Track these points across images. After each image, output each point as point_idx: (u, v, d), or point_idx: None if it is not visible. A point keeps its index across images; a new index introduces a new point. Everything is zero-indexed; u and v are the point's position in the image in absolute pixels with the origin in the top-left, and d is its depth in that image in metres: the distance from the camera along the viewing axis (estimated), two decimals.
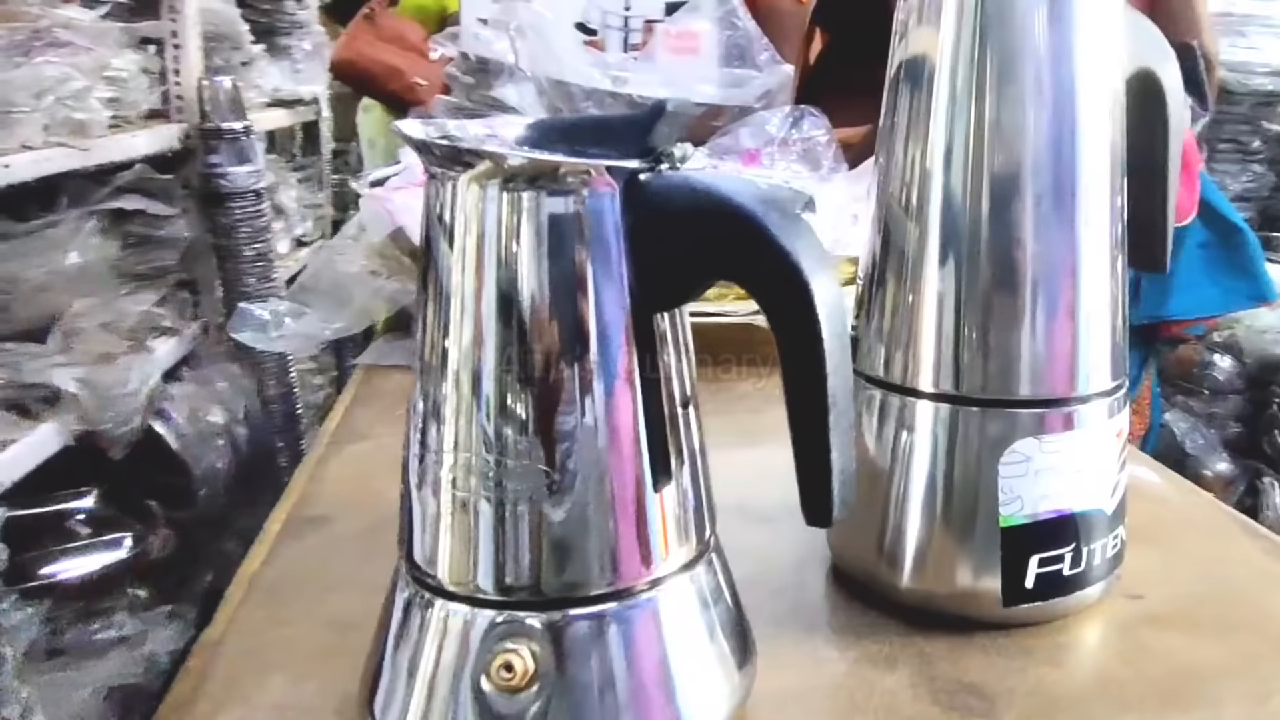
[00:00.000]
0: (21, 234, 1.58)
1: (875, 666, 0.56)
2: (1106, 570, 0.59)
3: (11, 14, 1.53)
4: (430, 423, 0.48)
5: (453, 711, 0.47)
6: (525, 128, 0.50)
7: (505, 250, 0.46)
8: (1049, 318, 0.57)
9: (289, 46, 2.31)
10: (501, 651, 0.46)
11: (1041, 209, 0.56)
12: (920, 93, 0.58)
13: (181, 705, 0.55)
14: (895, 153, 0.59)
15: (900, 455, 0.59)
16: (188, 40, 1.75)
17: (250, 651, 0.59)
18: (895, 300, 0.59)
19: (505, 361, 0.46)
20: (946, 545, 0.58)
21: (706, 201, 0.45)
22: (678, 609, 0.49)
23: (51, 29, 1.56)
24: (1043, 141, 0.56)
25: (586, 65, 1.34)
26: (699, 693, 0.49)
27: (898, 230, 0.59)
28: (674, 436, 0.49)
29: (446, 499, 0.48)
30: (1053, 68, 0.56)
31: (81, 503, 1.77)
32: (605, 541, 0.48)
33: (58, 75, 1.54)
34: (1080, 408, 0.57)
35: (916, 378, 0.58)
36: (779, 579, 0.64)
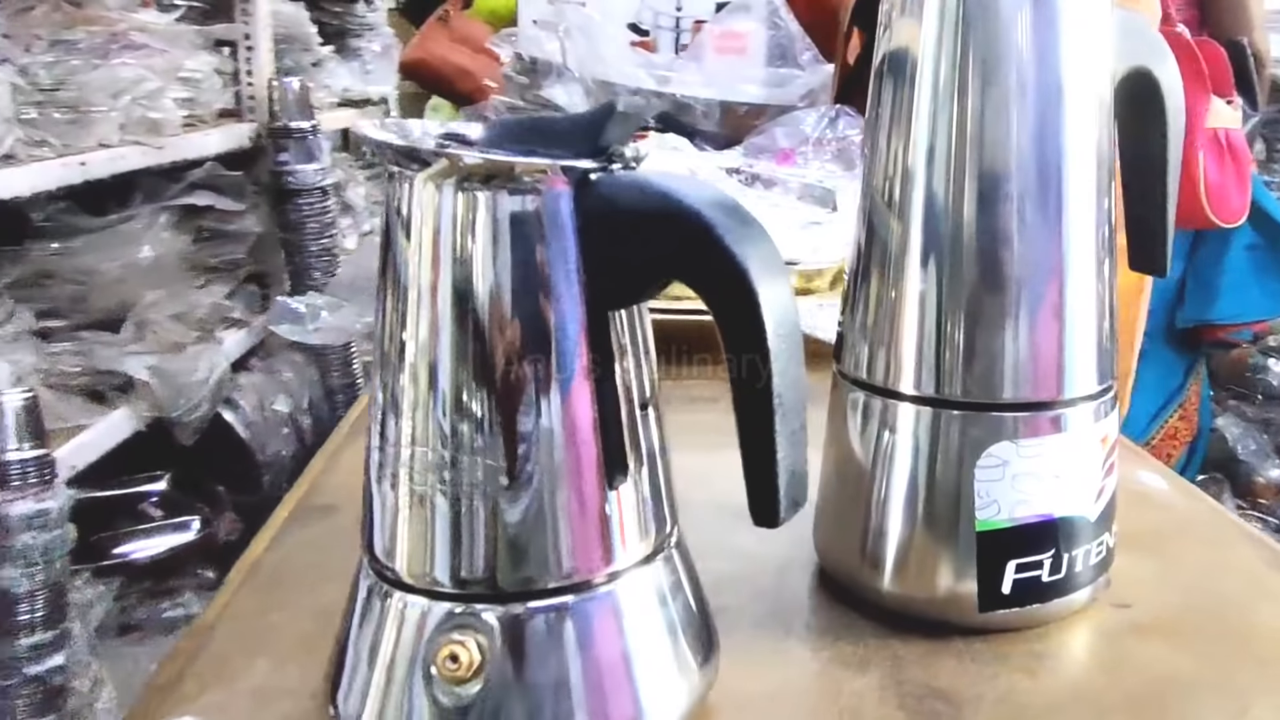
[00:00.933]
0: (98, 228, 1.63)
1: (846, 668, 0.55)
2: (1090, 577, 0.57)
3: (90, 18, 1.58)
4: (389, 417, 0.48)
5: (407, 701, 0.47)
6: (485, 128, 0.50)
7: (460, 248, 0.46)
8: (1030, 321, 0.55)
9: (359, 48, 2.35)
10: (448, 643, 0.46)
11: (1024, 210, 0.54)
12: (903, 87, 0.56)
13: (166, 686, 0.56)
14: (879, 146, 0.58)
15: (882, 457, 0.58)
16: (259, 42, 1.79)
17: (239, 635, 0.59)
18: (878, 296, 0.57)
19: (460, 358, 0.46)
20: (926, 549, 0.56)
21: (654, 201, 0.45)
22: (633, 604, 0.49)
23: (128, 32, 1.61)
24: (1026, 142, 0.54)
25: (631, 65, 1.34)
26: (654, 687, 0.49)
27: (881, 225, 0.57)
28: (631, 435, 0.49)
29: (404, 492, 0.48)
30: (1036, 66, 0.54)
31: (153, 486, 1.82)
32: (559, 537, 0.47)
33: (133, 76, 1.58)
34: (1061, 412, 0.55)
35: (898, 380, 0.57)
36: (763, 579, 0.63)
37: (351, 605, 0.50)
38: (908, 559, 0.57)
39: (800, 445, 0.45)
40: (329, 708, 0.49)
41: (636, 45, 1.51)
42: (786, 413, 0.44)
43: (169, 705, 0.54)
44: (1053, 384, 0.55)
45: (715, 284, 0.44)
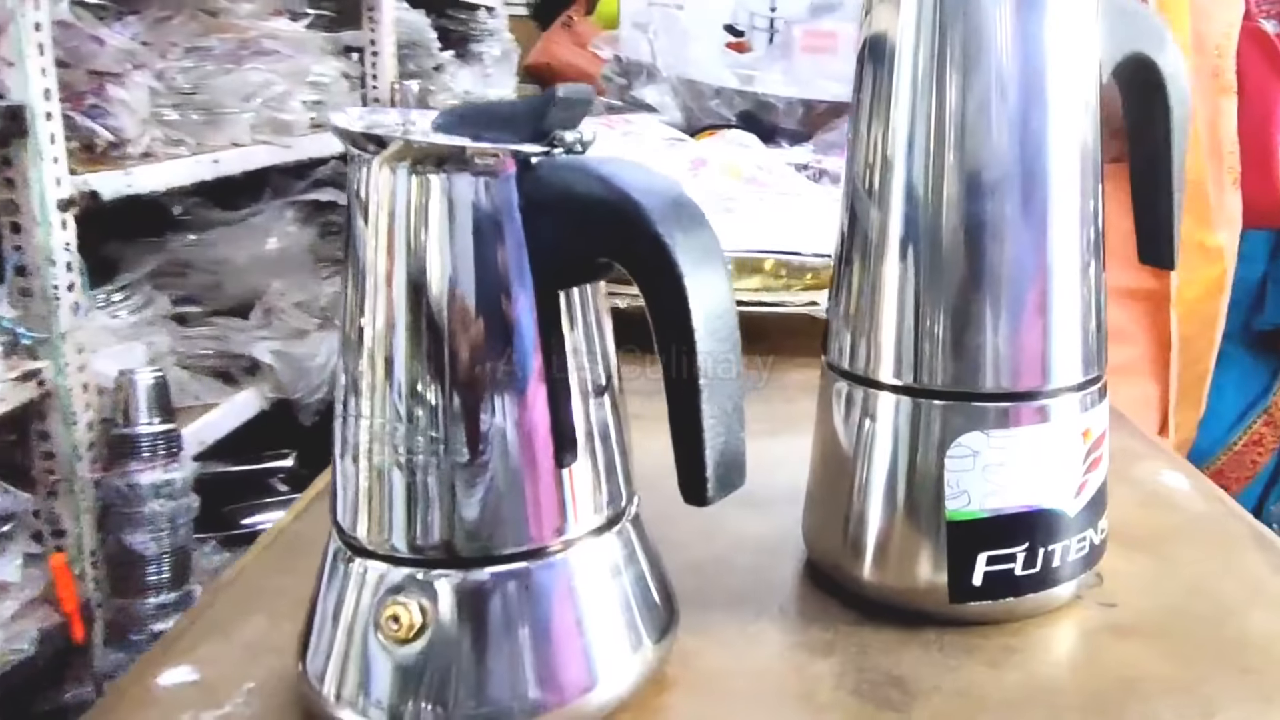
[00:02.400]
0: (230, 221, 1.72)
1: (811, 652, 0.53)
2: (1071, 573, 0.54)
3: (224, 26, 1.66)
4: (349, 393, 0.49)
5: (363, 660, 0.48)
6: (441, 114, 0.50)
7: (412, 228, 0.46)
8: (1008, 311, 0.52)
9: (480, 53, 2.40)
10: (391, 604, 0.47)
11: (1002, 199, 0.51)
12: (882, 73, 0.54)
13: (173, 638, 0.58)
14: (860, 131, 0.56)
15: (863, 445, 0.56)
16: (384, 48, 1.85)
17: (246, 595, 0.62)
18: (859, 285, 0.56)
19: (413, 335, 0.47)
20: (903, 539, 0.54)
21: (591, 185, 0.44)
22: (582, 574, 0.48)
23: (259, 39, 1.68)
24: (1005, 131, 0.51)
25: (716, 64, 1.34)
26: (603, 656, 0.48)
27: (862, 211, 0.56)
28: (584, 416, 0.49)
29: (364, 465, 0.49)
30: (1016, 55, 0.51)
31: (281, 463, 1.91)
32: (509, 507, 0.47)
33: (262, 80, 1.66)
34: (1037, 403, 0.52)
35: (877, 368, 0.55)
36: (748, 560, 0.62)
37: (320, 570, 0.51)
38: (885, 548, 0.56)
39: (733, 427, 0.45)
40: (298, 664, 0.51)
41: (731, 46, 1.50)
42: (713, 394, 0.44)
43: (172, 656, 0.57)
44: (1028, 374, 0.53)
45: (644, 267, 0.44)
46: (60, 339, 1.45)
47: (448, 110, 0.49)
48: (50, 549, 1.49)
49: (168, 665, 0.56)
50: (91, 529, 1.50)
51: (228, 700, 0.53)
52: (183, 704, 0.53)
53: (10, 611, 1.40)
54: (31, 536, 1.46)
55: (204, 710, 0.52)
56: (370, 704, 0.48)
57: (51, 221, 1.43)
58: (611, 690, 0.49)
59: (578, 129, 0.47)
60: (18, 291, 1.44)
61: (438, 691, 0.47)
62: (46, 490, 1.49)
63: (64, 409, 1.47)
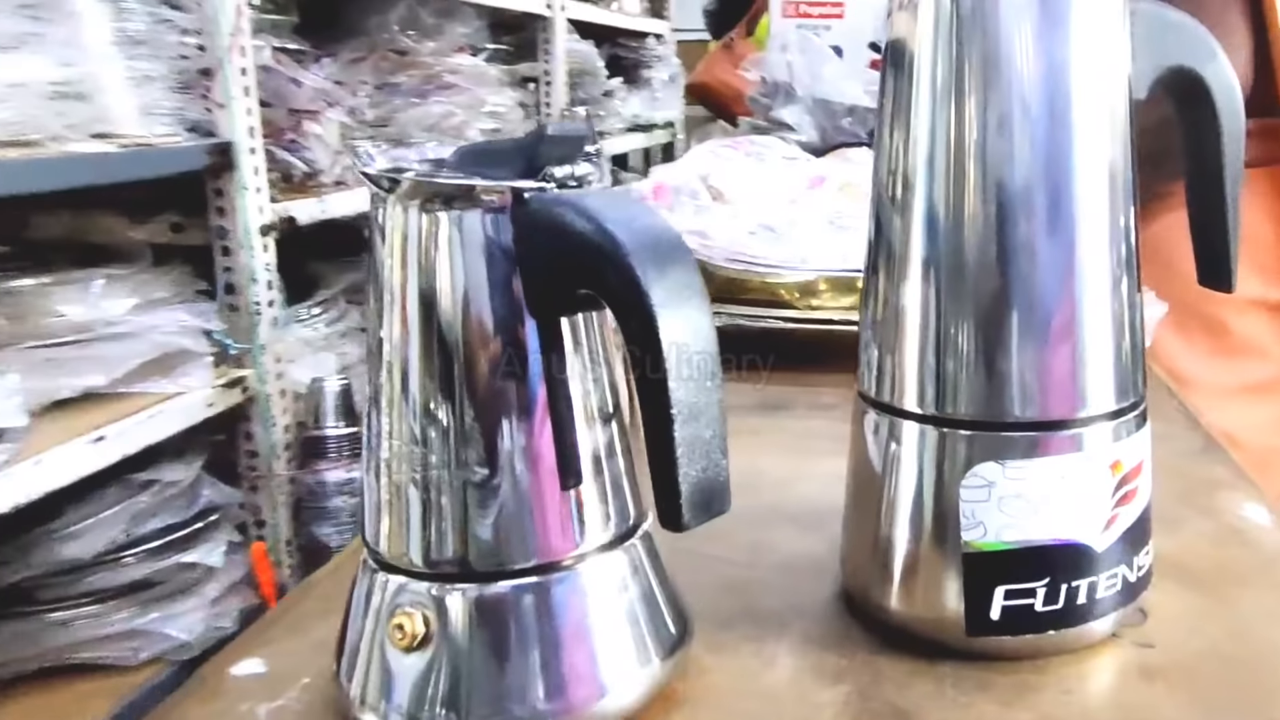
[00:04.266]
0: None
1: (821, 678, 0.51)
2: (1100, 611, 0.49)
3: (412, 64, 1.74)
4: (374, 411, 0.50)
5: (382, 668, 0.50)
6: (453, 154, 0.51)
7: (423, 261, 0.47)
8: (1029, 337, 0.48)
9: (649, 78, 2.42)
10: (398, 614, 0.48)
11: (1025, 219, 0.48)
12: (902, 82, 0.51)
13: (256, 631, 0.62)
14: (884, 139, 0.53)
15: (887, 473, 0.53)
16: (556, 77, 1.90)
17: (333, 595, 0.64)
18: (885, 298, 0.52)
19: (426, 362, 0.48)
20: (926, 569, 0.51)
21: (572, 219, 0.44)
22: (589, 589, 0.48)
23: (442, 74, 1.76)
24: (1028, 146, 0.48)
25: (851, 83, 1.30)
26: (605, 672, 0.48)
27: (886, 220, 0.53)
28: (591, 440, 0.49)
29: (385, 481, 0.50)
30: (1040, 70, 0.47)
31: None
32: (516, 526, 0.48)
33: (443, 112, 1.73)
34: (1059, 433, 0.48)
35: (901, 396, 0.52)
36: (787, 582, 0.60)
37: (354, 581, 0.53)
38: (910, 578, 0.53)
39: (711, 454, 0.44)
40: (334, 666, 0.52)
41: (874, 65, 1.46)
42: (688, 423, 0.43)
43: (250, 648, 0.60)
44: (1052, 403, 0.49)
45: (618, 300, 0.43)
46: (261, 350, 1.56)
47: (463, 149, 0.50)
48: (252, 538, 1.60)
49: (243, 657, 0.59)
50: (287, 521, 1.61)
51: (284, 694, 0.55)
52: (246, 694, 0.55)
53: (216, 593, 1.51)
54: (236, 527, 1.58)
55: (261, 702, 0.54)
56: (391, 709, 0.49)
57: (254, 245, 1.54)
58: (617, 704, 0.49)
59: (571, 165, 0.46)
60: (227, 307, 1.56)
61: (449, 699, 0.48)
62: (249, 485, 1.60)
63: (264, 413, 1.57)
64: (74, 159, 1.31)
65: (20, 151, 1.26)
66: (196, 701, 0.55)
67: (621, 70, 2.25)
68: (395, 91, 1.67)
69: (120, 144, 1.38)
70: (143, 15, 1.42)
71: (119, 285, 1.44)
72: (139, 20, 1.41)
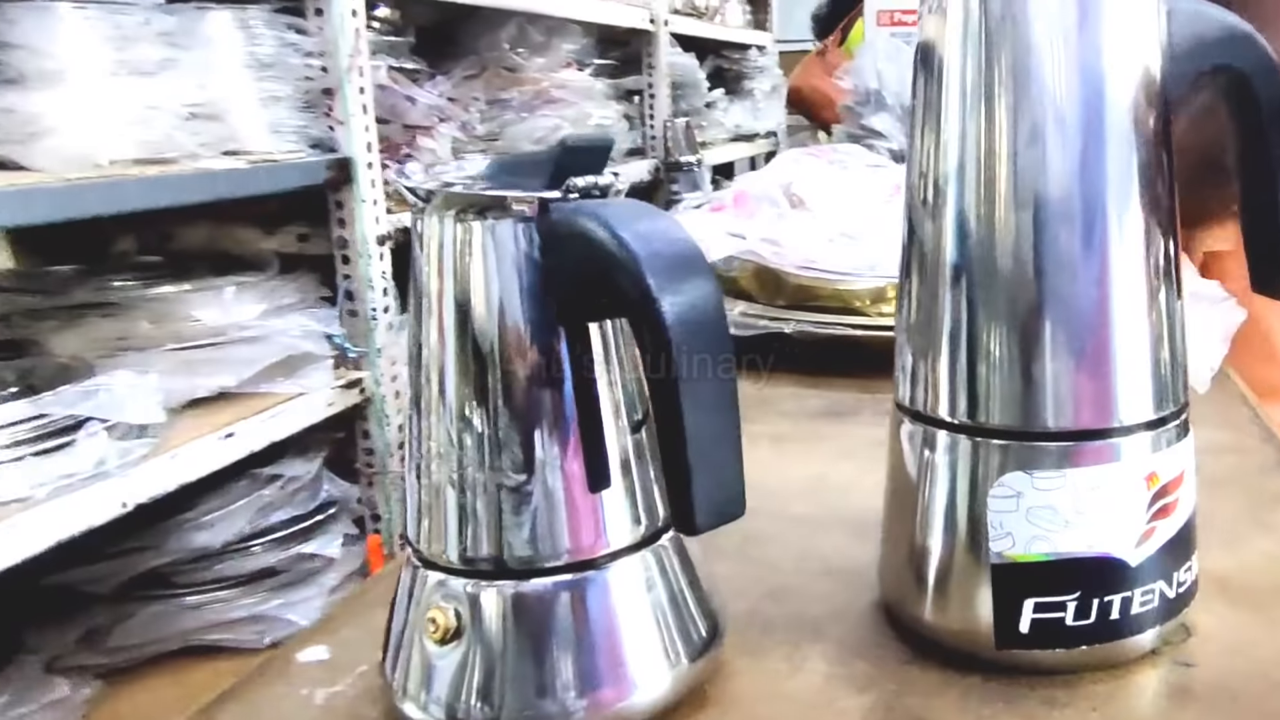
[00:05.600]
0: None
1: (849, 687, 0.50)
2: (1136, 627, 0.47)
3: (522, 80, 1.77)
4: (414, 413, 0.51)
5: (422, 661, 0.51)
6: (487, 167, 0.51)
7: (458, 269, 0.48)
8: (1062, 347, 0.46)
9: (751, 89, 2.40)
10: (432, 608, 0.49)
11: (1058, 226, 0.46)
12: (933, 86, 0.49)
13: (325, 620, 0.64)
14: (915, 142, 0.51)
15: (922, 482, 0.51)
16: (659, 90, 1.90)
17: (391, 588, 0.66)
18: (918, 302, 0.51)
19: (460, 366, 0.49)
20: (958, 580, 0.49)
21: (589, 228, 0.44)
22: (615, 590, 0.49)
23: (550, 89, 1.78)
24: (1060, 152, 0.45)
25: None
26: (631, 671, 0.48)
27: (918, 222, 0.51)
28: (620, 445, 0.49)
29: (425, 480, 0.51)
30: (1071, 71, 0.45)
31: None
32: (546, 526, 0.48)
33: (550, 125, 1.75)
34: (1090, 444, 0.46)
35: (936, 405, 0.50)
36: (830, 588, 0.58)
37: (398, 577, 0.54)
38: (942, 589, 0.51)
39: (724, 459, 0.43)
40: (380, 657, 0.54)
41: None
42: (700, 429, 0.42)
43: (317, 635, 0.62)
44: (1085, 412, 0.47)
45: (632, 307, 0.43)
46: (377, 353, 1.61)
47: (495, 161, 0.51)
48: (368, 531, 1.65)
49: (310, 644, 0.61)
50: (400, 515, 1.65)
51: (341, 680, 0.57)
52: (308, 679, 0.57)
53: (334, 582, 1.56)
54: (353, 520, 1.63)
55: (320, 687, 0.56)
56: (429, 700, 0.50)
57: (371, 254, 1.59)
58: (644, 702, 0.49)
59: (594, 175, 0.47)
60: (346, 313, 1.61)
61: (483, 692, 0.49)
62: (366, 481, 1.65)
63: (379, 413, 1.62)
64: (207, 175, 1.38)
65: (159, 169, 1.33)
66: (262, 684, 0.57)
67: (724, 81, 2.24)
68: (505, 107, 1.70)
69: (249, 160, 1.44)
70: (270, 39, 1.48)
71: (249, 292, 1.50)
72: (267, 44, 1.47)
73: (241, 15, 1.42)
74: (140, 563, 1.44)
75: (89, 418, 1.19)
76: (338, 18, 1.51)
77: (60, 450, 1.16)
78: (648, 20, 1.96)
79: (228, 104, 1.42)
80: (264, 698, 0.56)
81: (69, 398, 1.18)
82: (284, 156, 1.49)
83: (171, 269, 1.56)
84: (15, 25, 1.22)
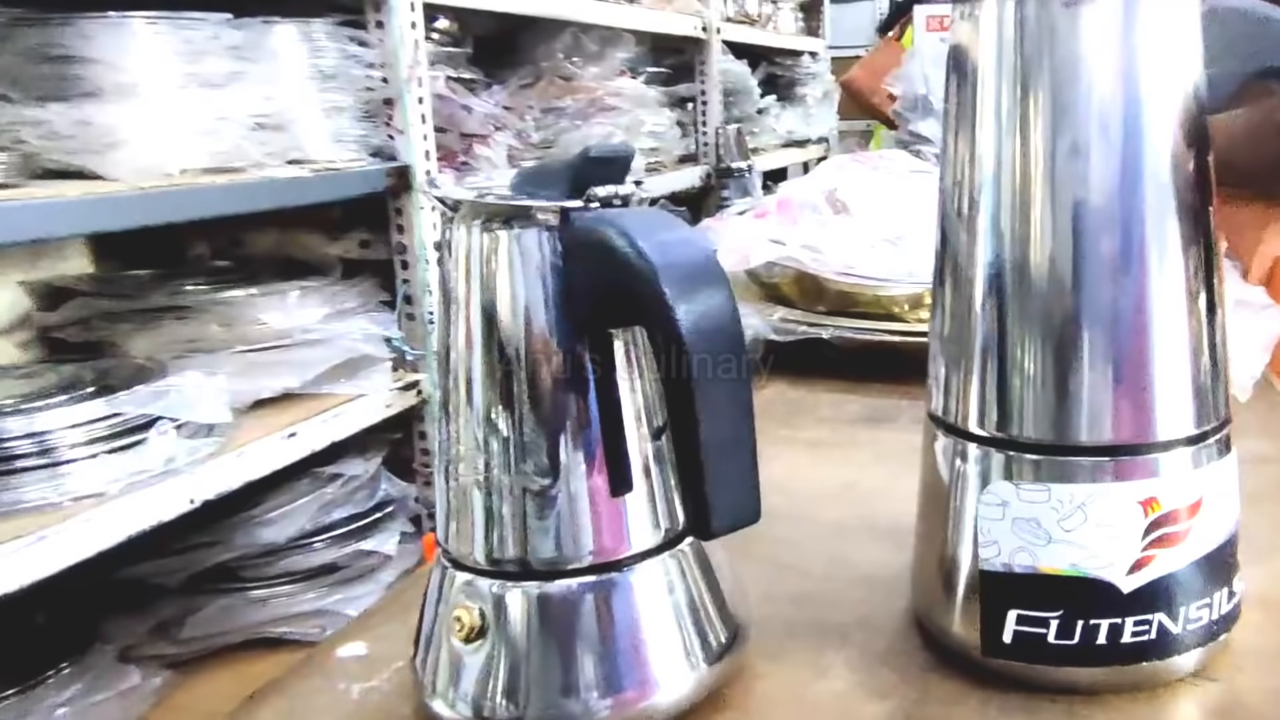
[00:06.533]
0: None
1: (869, 694, 0.49)
2: (1132, 656, 0.45)
3: (577, 88, 1.78)
4: (443, 417, 0.52)
5: (450, 659, 0.51)
6: (517, 174, 0.51)
7: (484, 276, 0.48)
8: (1097, 362, 0.44)
9: (803, 95, 2.38)
10: (458, 606, 0.49)
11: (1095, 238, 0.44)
12: (966, 93, 0.48)
13: (365, 616, 0.65)
14: (948, 149, 0.49)
15: (952, 493, 0.50)
16: (711, 97, 1.90)
17: None
18: (951, 310, 0.50)
19: (487, 372, 0.49)
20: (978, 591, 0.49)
21: (609, 236, 0.44)
22: (632, 592, 0.48)
23: (604, 97, 1.78)
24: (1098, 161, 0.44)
25: None
26: (652, 671, 0.48)
27: (952, 234, 0.50)
28: (642, 451, 0.49)
29: (454, 484, 0.51)
30: (1108, 81, 0.44)
31: None
32: (569, 528, 0.48)
33: (603, 133, 1.76)
34: (1078, 460, 0.44)
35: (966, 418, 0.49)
36: (859, 595, 0.57)
37: (428, 579, 0.55)
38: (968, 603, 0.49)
39: (739, 465, 0.43)
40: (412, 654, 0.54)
41: None
42: (716, 435, 0.42)
43: (357, 632, 0.62)
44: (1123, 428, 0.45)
45: (649, 312, 0.43)
46: (433, 356, 1.62)
47: (523, 171, 0.51)
48: (424, 529, 1.67)
49: (351, 640, 0.61)
50: None
51: (377, 675, 0.57)
52: (345, 674, 0.58)
53: (390, 579, 1.58)
54: (409, 519, 1.65)
55: (356, 681, 0.57)
56: (457, 697, 0.50)
57: (429, 259, 1.61)
58: (663, 704, 0.49)
59: (615, 185, 0.46)
60: (404, 316, 1.63)
61: (509, 690, 0.49)
62: (422, 480, 1.67)
63: (435, 414, 1.64)
64: (273, 183, 1.40)
65: (227, 178, 1.36)
66: (301, 678, 0.58)
67: (776, 88, 2.23)
68: (560, 115, 1.71)
69: (312, 169, 1.46)
70: (333, 51, 1.50)
71: (313, 296, 1.53)
72: (330, 56, 1.50)
73: (305, 28, 1.44)
74: (209, 557, 1.47)
75: (160, 417, 1.22)
76: (398, 30, 1.53)
77: (132, 448, 1.19)
78: (700, 28, 1.95)
79: (292, 114, 1.44)
80: (303, 691, 0.57)
81: (142, 397, 1.21)
82: (346, 165, 1.51)
83: (241, 273, 1.59)
84: (92, 40, 1.25)
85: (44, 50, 1.23)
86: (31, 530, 1.03)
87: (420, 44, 1.54)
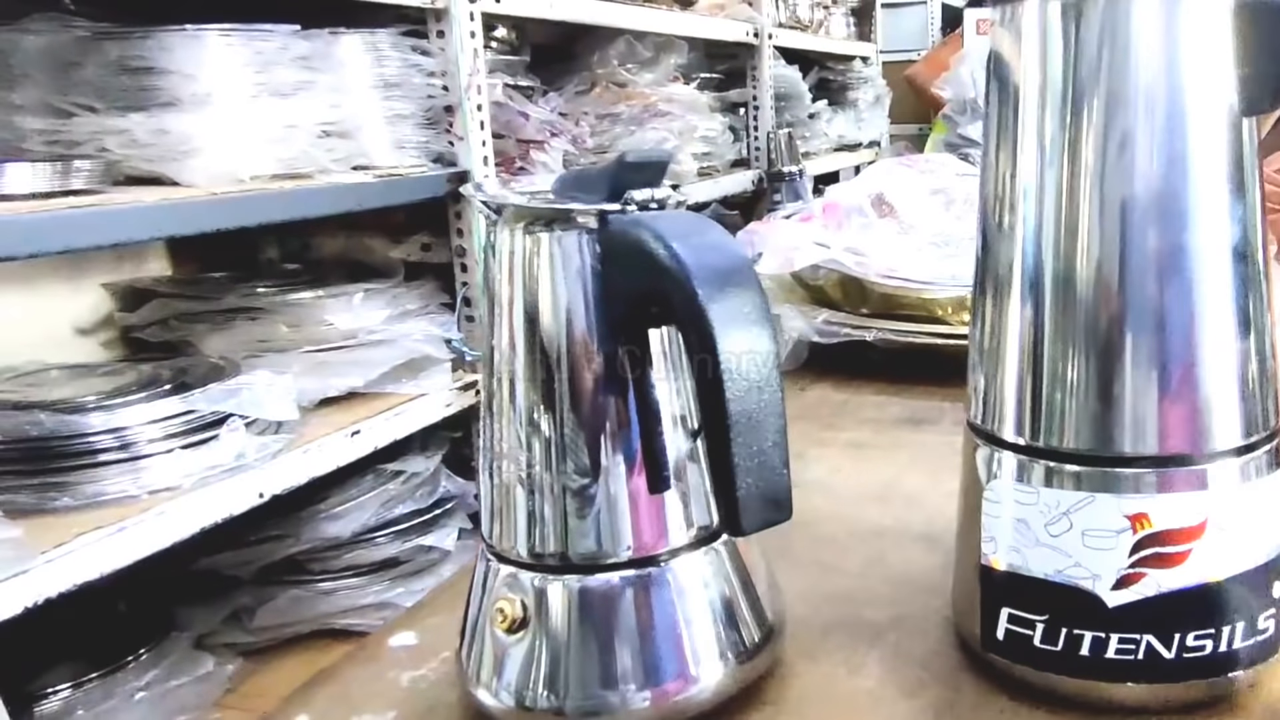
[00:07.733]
0: None
1: (900, 694, 0.48)
2: (1122, 673, 0.43)
3: (631, 95, 1.78)
4: (487, 415, 0.52)
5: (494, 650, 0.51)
6: (556, 180, 0.52)
7: (527, 278, 0.49)
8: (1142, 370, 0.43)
9: (855, 99, 2.35)
10: (500, 598, 0.50)
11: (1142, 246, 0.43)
12: (1008, 100, 0.47)
13: (417, 607, 0.66)
14: (989, 155, 0.49)
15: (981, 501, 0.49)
16: (763, 102, 1.89)
17: None
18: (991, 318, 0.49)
19: (529, 372, 0.49)
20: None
21: (644, 240, 0.44)
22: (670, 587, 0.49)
23: (658, 103, 1.79)
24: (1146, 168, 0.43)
25: None
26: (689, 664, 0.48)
27: (993, 241, 0.49)
28: (678, 450, 0.49)
29: (498, 481, 0.52)
30: (1154, 87, 0.43)
31: None
32: (609, 524, 0.49)
33: (657, 138, 1.76)
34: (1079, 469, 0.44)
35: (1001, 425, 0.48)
36: (896, 594, 0.56)
37: (473, 572, 0.55)
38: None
39: (770, 463, 0.43)
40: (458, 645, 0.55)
41: None
42: (746, 436, 0.42)
43: (409, 622, 0.64)
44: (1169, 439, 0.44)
45: (682, 319, 0.43)
46: None
47: (564, 175, 0.51)
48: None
49: (402, 630, 0.63)
50: None
51: (425, 665, 0.58)
52: (396, 663, 0.59)
53: (449, 573, 1.60)
54: (468, 516, 1.66)
55: (406, 670, 0.58)
56: (500, 686, 0.51)
57: None
58: (700, 695, 0.49)
59: (652, 188, 0.47)
60: (464, 318, 1.65)
61: (549, 681, 0.49)
62: None
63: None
64: (339, 188, 1.43)
65: (295, 183, 1.38)
66: (354, 666, 0.59)
67: (828, 92, 2.21)
68: (615, 120, 1.72)
69: (376, 175, 1.49)
70: (396, 60, 1.52)
71: (377, 298, 1.55)
72: (393, 65, 1.52)
73: (370, 39, 1.47)
74: (279, 549, 1.50)
75: (231, 414, 1.24)
76: (458, 39, 1.54)
77: (206, 444, 1.22)
78: (752, 34, 1.94)
79: (357, 122, 1.47)
80: (355, 679, 0.58)
81: (214, 395, 1.24)
82: (408, 171, 1.53)
83: (309, 276, 1.62)
84: (170, 52, 1.29)
85: (125, 62, 1.26)
86: (112, 521, 1.07)
87: (479, 53, 1.56)
